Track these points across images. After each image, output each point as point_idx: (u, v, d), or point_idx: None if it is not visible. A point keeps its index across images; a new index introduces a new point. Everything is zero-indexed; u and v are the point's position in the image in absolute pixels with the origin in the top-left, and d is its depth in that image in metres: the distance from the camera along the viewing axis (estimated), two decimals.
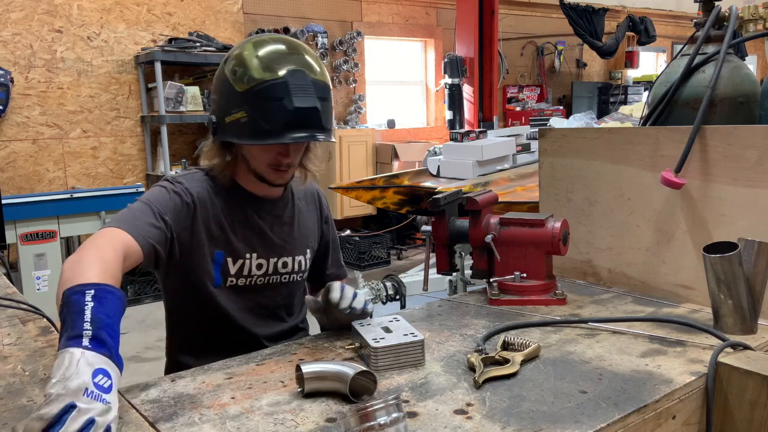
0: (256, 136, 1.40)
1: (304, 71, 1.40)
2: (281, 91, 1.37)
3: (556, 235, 1.57)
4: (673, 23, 10.42)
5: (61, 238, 4.57)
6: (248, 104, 1.38)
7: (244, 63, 1.40)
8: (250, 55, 1.41)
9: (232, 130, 1.43)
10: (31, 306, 1.50)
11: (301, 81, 1.38)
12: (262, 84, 1.37)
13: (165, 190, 1.46)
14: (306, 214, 1.68)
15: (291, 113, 1.37)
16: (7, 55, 5.09)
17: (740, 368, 1.15)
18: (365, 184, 4.82)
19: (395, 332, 1.27)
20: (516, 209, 1.83)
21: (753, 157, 1.46)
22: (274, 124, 1.38)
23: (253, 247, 1.55)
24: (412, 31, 7.60)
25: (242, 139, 1.43)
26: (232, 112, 1.41)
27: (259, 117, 1.38)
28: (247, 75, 1.39)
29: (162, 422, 1.03)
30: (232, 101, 1.41)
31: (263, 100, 1.37)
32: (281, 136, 1.39)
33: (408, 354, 1.23)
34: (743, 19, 1.78)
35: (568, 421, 1.00)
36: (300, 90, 1.37)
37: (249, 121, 1.39)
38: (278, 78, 1.37)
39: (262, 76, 1.38)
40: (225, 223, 1.52)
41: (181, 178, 1.51)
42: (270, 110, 1.37)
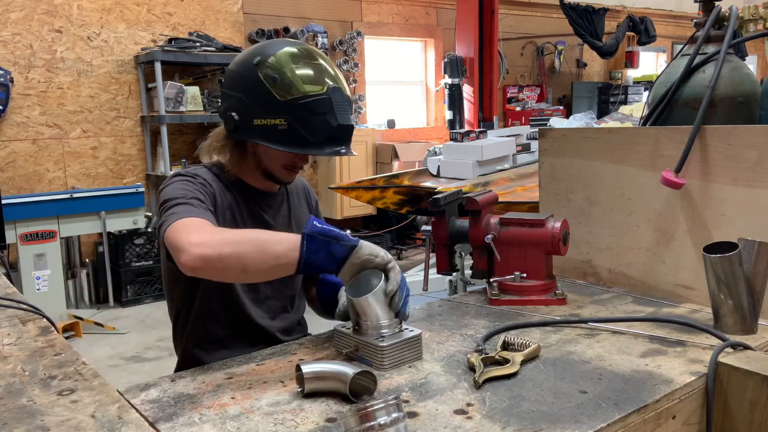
0: (294, 144, 1.46)
1: (341, 89, 1.49)
2: (326, 107, 1.45)
3: (556, 235, 1.57)
4: (673, 23, 10.42)
5: (61, 238, 4.57)
6: (290, 114, 1.44)
7: (284, 72, 1.45)
8: (288, 65, 1.46)
9: (262, 133, 1.47)
10: (31, 306, 1.50)
11: (341, 98, 1.48)
12: (308, 98, 1.44)
13: (189, 182, 1.48)
14: (298, 207, 1.74)
15: (333, 129, 1.47)
16: (7, 55, 5.09)
17: (740, 368, 1.15)
18: (365, 184, 4.82)
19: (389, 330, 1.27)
20: (516, 209, 1.83)
21: (753, 157, 1.46)
22: (316, 137, 1.46)
23: None
24: (412, 31, 7.60)
25: (276, 144, 1.47)
26: (266, 116, 1.45)
27: (302, 128, 1.45)
28: (290, 84, 1.44)
29: (162, 422, 1.03)
30: (269, 107, 1.45)
31: (307, 113, 1.44)
32: (320, 149, 1.48)
33: (411, 349, 1.25)
34: (743, 19, 1.78)
35: (568, 421, 1.00)
36: (341, 108, 1.48)
37: (289, 129, 1.45)
38: (323, 94, 1.45)
39: (307, 90, 1.44)
40: (237, 216, 1.57)
41: (197, 170, 1.55)
42: (314, 123, 1.45)
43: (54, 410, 1.01)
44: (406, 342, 1.24)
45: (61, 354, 1.23)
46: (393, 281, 1.26)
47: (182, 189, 1.45)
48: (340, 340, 1.31)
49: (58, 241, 4.55)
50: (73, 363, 1.19)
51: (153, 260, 5.28)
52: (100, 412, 1.00)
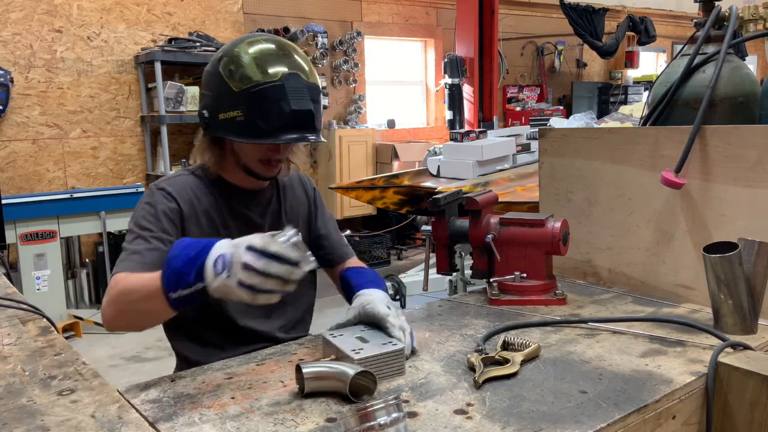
0: (251, 135, 1.45)
1: (299, 74, 1.45)
2: (279, 93, 1.42)
3: (556, 235, 1.57)
4: (673, 23, 10.42)
5: (61, 238, 4.57)
6: (245, 104, 1.43)
7: (240, 62, 1.44)
8: (245, 55, 1.45)
9: (226, 127, 1.47)
10: (31, 306, 1.50)
11: (296, 84, 1.44)
12: (260, 85, 1.42)
13: (149, 206, 1.50)
14: (293, 201, 1.71)
15: (287, 115, 1.42)
16: (7, 55, 5.09)
17: (740, 368, 1.15)
18: (365, 184, 4.82)
19: (372, 341, 1.21)
20: (516, 209, 1.83)
21: (753, 157, 1.46)
22: (270, 124, 1.43)
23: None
24: (412, 31, 7.60)
25: (236, 137, 1.47)
26: (227, 110, 1.45)
27: (256, 117, 1.43)
28: (244, 75, 1.42)
29: (162, 422, 1.03)
30: (227, 99, 1.45)
31: (261, 101, 1.42)
32: (276, 137, 1.44)
33: (390, 363, 1.17)
34: (743, 19, 1.78)
35: (568, 421, 1.00)
36: (296, 93, 1.43)
37: (245, 120, 1.43)
38: (276, 80, 1.42)
39: (260, 77, 1.42)
40: (215, 218, 1.56)
41: (163, 183, 1.55)
42: (267, 111, 1.42)
43: (54, 410, 1.01)
44: (382, 356, 1.16)
45: (61, 354, 1.23)
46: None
47: (139, 225, 1.47)
48: (327, 347, 1.25)
49: (58, 241, 4.55)
50: (73, 363, 1.19)
51: None
52: (100, 412, 1.00)
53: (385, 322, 1.27)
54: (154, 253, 1.42)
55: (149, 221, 1.47)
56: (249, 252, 1.08)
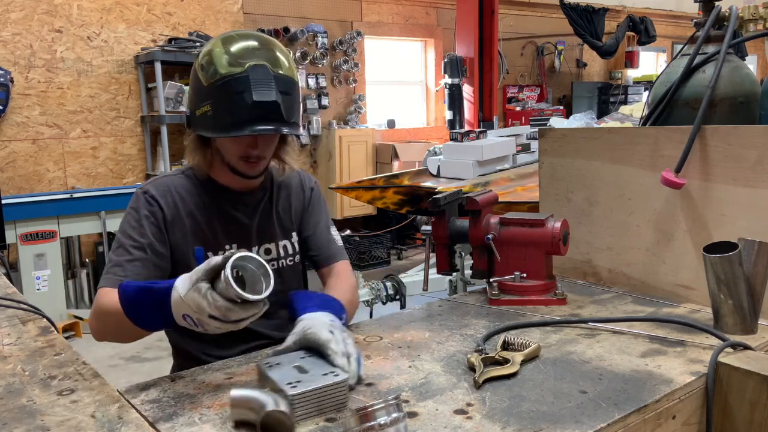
0: (220, 128, 1.44)
1: (267, 66, 1.42)
2: (242, 85, 1.40)
3: (556, 235, 1.57)
4: (673, 23, 10.42)
5: (61, 238, 4.57)
6: (213, 98, 1.43)
7: (212, 58, 1.44)
8: (218, 50, 1.45)
9: (201, 123, 1.47)
10: (31, 306, 1.50)
11: (262, 75, 1.41)
12: (225, 78, 1.41)
13: (133, 212, 1.53)
14: (286, 200, 1.67)
15: (251, 107, 1.40)
16: (7, 55, 5.09)
17: (740, 368, 1.15)
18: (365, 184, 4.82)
19: (312, 371, 1.08)
20: (516, 209, 1.83)
21: (753, 157, 1.46)
22: (236, 117, 1.41)
23: (232, 238, 1.58)
24: (412, 31, 7.60)
25: (208, 132, 1.47)
26: (200, 105, 1.45)
27: (223, 110, 1.42)
28: (213, 69, 1.42)
29: (162, 422, 1.03)
30: (200, 95, 1.45)
31: (226, 94, 1.41)
32: (242, 129, 1.42)
33: (331, 397, 1.04)
34: (743, 19, 1.78)
35: (568, 421, 1.00)
36: (260, 84, 1.40)
37: (214, 114, 1.43)
38: (241, 72, 1.40)
39: (227, 70, 1.41)
40: (200, 219, 1.55)
41: (149, 185, 1.56)
42: (232, 104, 1.41)
43: (54, 410, 1.01)
44: (322, 390, 1.03)
45: (61, 354, 1.23)
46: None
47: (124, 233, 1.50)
48: (262, 380, 1.12)
49: (58, 241, 4.54)
50: (73, 363, 1.19)
51: None
52: (100, 412, 1.00)
53: (326, 349, 1.15)
54: (136, 264, 1.45)
55: (132, 227, 1.50)
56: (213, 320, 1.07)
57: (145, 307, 1.16)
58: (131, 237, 1.48)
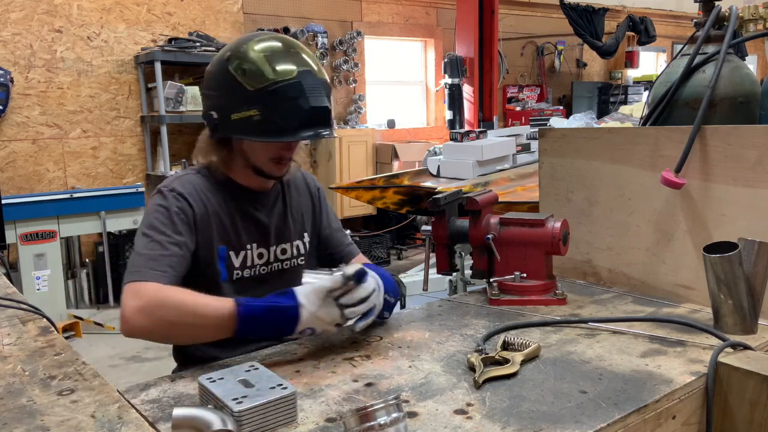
0: (269, 133, 1.45)
1: (313, 72, 1.46)
2: (296, 90, 1.43)
3: (556, 235, 1.57)
4: (673, 23, 10.42)
5: (61, 238, 4.57)
6: (262, 103, 1.43)
7: (253, 61, 1.44)
8: (255, 54, 1.45)
9: (240, 127, 1.46)
10: (31, 306, 1.50)
11: (312, 81, 1.45)
12: (277, 84, 1.42)
13: (162, 209, 1.49)
14: (298, 200, 1.71)
15: (306, 112, 1.44)
16: (7, 55, 5.09)
17: (740, 368, 1.15)
18: (365, 184, 4.82)
19: (258, 385, 1.03)
20: (516, 209, 1.83)
21: (753, 157, 1.46)
22: (289, 122, 1.44)
23: (253, 238, 1.59)
24: (412, 31, 7.60)
25: (253, 136, 1.47)
26: (240, 109, 1.44)
27: (274, 116, 1.43)
28: (258, 74, 1.42)
29: (162, 422, 1.03)
30: (241, 99, 1.44)
31: (278, 100, 1.42)
32: (295, 134, 1.45)
33: (279, 411, 1.00)
34: (743, 19, 1.78)
35: (568, 421, 1.00)
36: (313, 90, 1.45)
37: (262, 119, 1.43)
38: (292, 78, 1.43)
39: (275, 75, 1.42)
40: (224, 218, 1.55)
41: (174, 184, 1.53)
42: (285, 109, 1.43)
43: (54, 410, 1.01)
44: (270, 405, 0.99)
45: (61, 354, 1.23)
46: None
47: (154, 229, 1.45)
48: (204, 396, 1.06)
49: (58, 241, 4.54)
50: (73, 363, 1.19)
51: None
52: (100, 412, 1.00)
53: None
54: (172, 260, 1.42)
55: (164, 224, 1.46)
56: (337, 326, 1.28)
57: (267, 325, 1.27)
58: (164, 233, 1.45)
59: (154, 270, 1.38)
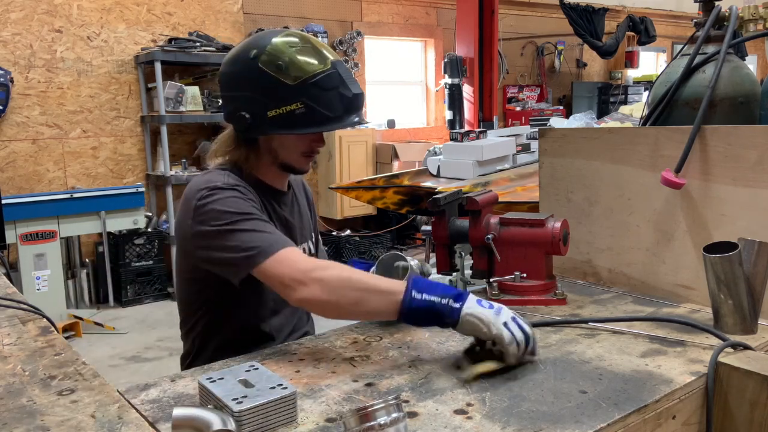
0: (315, 124, 1.46)
1: (341, 61, 1.50)
2: (336, 80, 1.46)
3: (556, 235, 1.57)
4: (673, 23, 10.42)
5: (61, 238, 4.57)
6: (305, 95, 1.43)
7: (286, 56, 1.44)
8: (287, 49, 1.45)
9: (282, 123, 1.45)
10: (31, 306, 1.50)
11: (345, 70, 1.49)
12: (317, 75, 1.44)
13: (238, 193, 1.44)
14: (303, 202, 1.75)
15: (350, 99, 1.47)
16: (7, 55, 5.09)
17: (740, 368, 1.15)
18: (365, 184, 4.82)
19: (258, 385, 1.03)
20: (516, 209, 1.83)
21: (753, 157, 1.46)
22: (335, 111, 1.46)
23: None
24: (412, 31, 7.60)
25: (297, 130, 1.46)
26: (280, 105, 1.44)
27: (320, 106, 1.44)
28: (297, 67, 1.43)
29: (162, 422, 1.03)
30: (281, 94, 1.43)
31: (322, 90, 1.44)
32: (342, 121, 1.48)
33: (279, 411, 1.00)
34: (743, 19, 1.78)
35: (568, 421, 1.00)
36: (349, 78, 1.48)
37: (307, 111, 1.44)
38: (330, 68, 1.45)
39: (314, 68, 1.44)
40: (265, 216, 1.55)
41: (227, 179, 1.48)
42: (330, 98, 1.45)
43: (54, 410, 1.01)
44: (270, 405, 0.99)
45: (61, 354, 1.23)
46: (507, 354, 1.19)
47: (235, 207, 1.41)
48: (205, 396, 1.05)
49: (58, 241, 4.55)
50: (73, 363, 1.19)
51: (153, 260, 5.28)
52: (100, 412, 1.00)
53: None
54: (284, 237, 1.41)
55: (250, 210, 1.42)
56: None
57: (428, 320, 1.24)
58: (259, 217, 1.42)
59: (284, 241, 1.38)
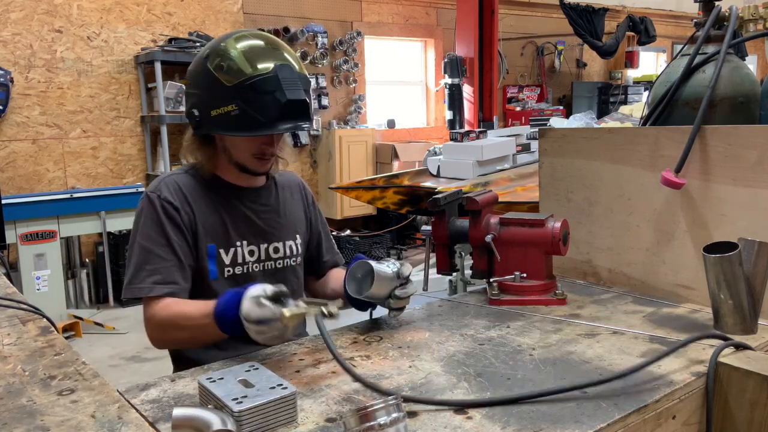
0: (247, 127, 1.46)
1: (291, 66, 1.48)
2: (273, 84, 1.44)
3: (556, 235, 1.57)
4: (673, 23, 10.42)
5: (61, 238, 4.57)
6: (239, 98, 1.44)
7: (231, 57, 1.45)
8: (233, 50, 1.46)
9: (220, 123, 1.48)
10: (31, 306, 1.50)
11: (289, 75, 1.46)
12: (254, 78, 1.43)
13: (151, 215, 1.52)
14: (291, 203, 1.74)
15: (283, 105, 1.45)
16: (7, 55, 5.09)
17: (740, 368, 1.15)
18: (365, 184, 4.82)
19: (258, 385, 1.03)
20: (516, 209, 1.83)
21: (753, 157, 1.46)
22: (266, 115, 1.45)
23: (243, 234, 1.60)
24: (412, 31, 7.60)
25: (232, 131, 1.49)
26: (220, 105, 1.46)
27: (252, 109, 1.44)
28: (235, 69, 1.44)
29: (162, 422, 1.03)
30: (220, 95, 1.45)
31: (255, 94, 1.44)
32: (273, 127, 1.46)
33: (279, 411, 1.00)
34: (743, 19, 1.78)
35: (568, 421, 1.00)
36: (290, 84, 1.46)
37: (240, 113, 1.45)
38: (268, 72, 1.44)
39: (252, 70, 1.44)
40: (212, 216, 1.57)
41: (160, 187, 1.56)
42: (262, 103, 1.44)
43: (54, 410, 1.01)
44: (269, 405, 0.98)
45: (61, 354, 1.23)
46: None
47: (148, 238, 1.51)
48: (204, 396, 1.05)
49: (58, 241, 4.54)
50: (73, 363, 1.19)
51: None
52: (100, 412, 1.00)
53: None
54: (171, 270, 1.47)
55: (157, 232, 1.50)
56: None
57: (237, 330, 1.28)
58: (158, 242, 1.49)
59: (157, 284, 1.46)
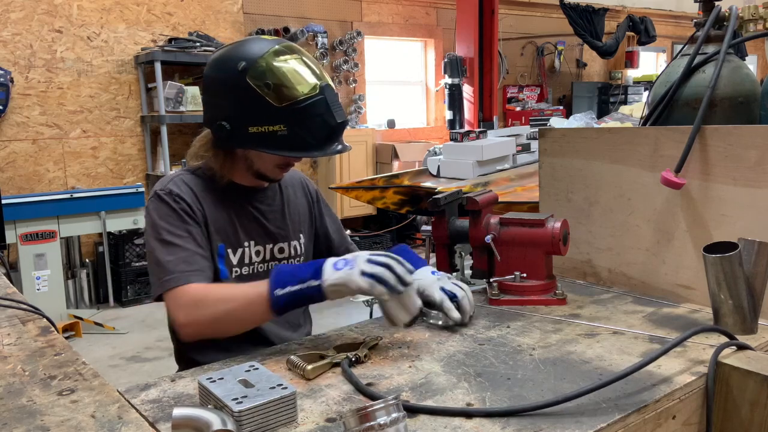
0: (297, 148, 1.46)
1: (330, 85, 1.49)
2: (322, 107, 1.45)
3: (556, 235, 1.57)
4: (673, 23, 10.42)
5: (61, 238, 4.58)
6: (289, 119, 1.43)
7: (277, 76, 1.43)
8: (279, 69, 1.44)
9: (261, 140, 1.46)
10: (31, 306, 1.50)
11: (332, 96, 1.48)
12: (305, 101, 1.43)
13: (168, 206, 1.49)
14: (295, 201, 1.73)
15: (332, 128, 1.47)
16: (7, 55, 5.09)
17: (740, 368, 1.15)
18: (365, 184, 4.82)
19: (258, 385, 1.02)
20: (516, 209, 1.83)
21: (753, 157, 1.46)
22: (316, 137, 1.46)
23: (251, 235, 1.60)
24: (412, 31, 7.60)
25: (277, 150, 1.47)
26: (263, 123, 1.44)
27: (303, 131, 1.45)
28: (285, 90, 1.42)
29: (162, 422, 1.03)
30: (265, 113, 1.43)
31: (306, 116, 1.44)
32: (324, 149, 1.49)
33: (279, 411, 1.00)
34: (743, 19, 1.78)
35: (568, 421, 1.00)
36: (335, 106, 1.48)
37: (289, 135, 1.44)
38: (317, 94, 1.44)
39: (303, 92, 1.43)
40: (222, 216, 1.57)
41: (169, 185, 1.54)
42: (313, 125, 1.45)
43: (54, 410, 1.01)
44: (270, 405, 0.98)
45: (61, 354, 1.23)
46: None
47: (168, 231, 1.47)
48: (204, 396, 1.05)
49: (58, 241, 4.55)
50: (73, 363, 1.19)
51: None
52: (100, 412, 1.00)
53: (443, 309, 1.41)
54: (197, 258, 1.45)
55: (174, 225, 1.47)
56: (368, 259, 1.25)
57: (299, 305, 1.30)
58: (178, 235, 1.47)
59: (186, 272, 1.41)
